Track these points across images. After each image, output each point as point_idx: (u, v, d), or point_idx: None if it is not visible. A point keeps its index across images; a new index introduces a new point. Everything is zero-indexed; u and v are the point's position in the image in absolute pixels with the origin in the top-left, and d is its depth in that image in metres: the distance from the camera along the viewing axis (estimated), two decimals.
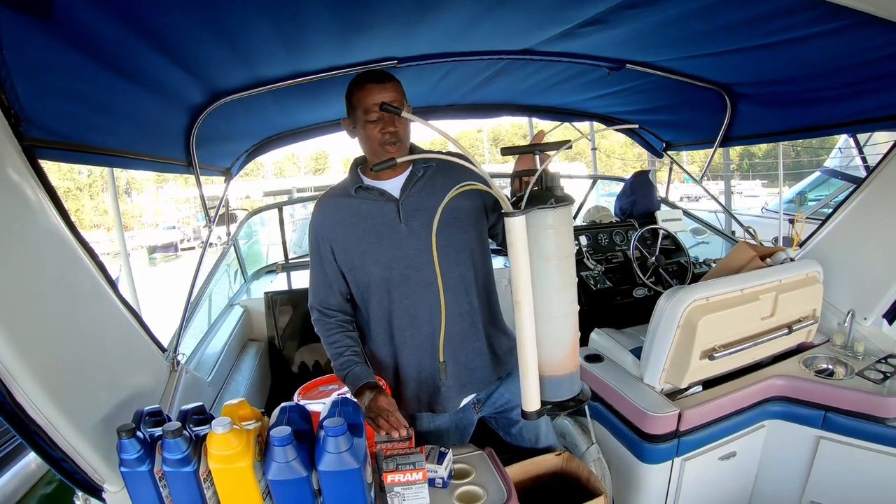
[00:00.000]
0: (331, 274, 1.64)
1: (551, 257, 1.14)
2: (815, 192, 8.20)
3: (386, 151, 1.52)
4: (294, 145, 3.95)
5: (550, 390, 1.22)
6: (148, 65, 1.36)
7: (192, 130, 1.94)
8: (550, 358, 1.20)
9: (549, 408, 1.22)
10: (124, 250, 7.70)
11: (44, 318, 1.08)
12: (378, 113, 1.49)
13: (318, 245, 1.64)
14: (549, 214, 1.12)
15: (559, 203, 1.12)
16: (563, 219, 1.14)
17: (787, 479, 1.97)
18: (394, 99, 1.50)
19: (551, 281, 1.15)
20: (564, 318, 1.19)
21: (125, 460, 1.09)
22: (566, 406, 1.23)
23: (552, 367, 1.20)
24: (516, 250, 1.09)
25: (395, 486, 1.21)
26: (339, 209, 1.61)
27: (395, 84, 1.53)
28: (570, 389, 1.24)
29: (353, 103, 1.53)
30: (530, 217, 1.10)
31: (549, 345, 1.18)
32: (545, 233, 1.12)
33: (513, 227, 1.08)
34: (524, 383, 1.18)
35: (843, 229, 2.22)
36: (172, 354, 1.69)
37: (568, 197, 1.15)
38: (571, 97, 2.89)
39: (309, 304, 1.71)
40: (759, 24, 1.56)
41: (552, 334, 1.18)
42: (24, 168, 1.08)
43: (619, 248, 3.37)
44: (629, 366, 2.02)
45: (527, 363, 1.16)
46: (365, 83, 1.51)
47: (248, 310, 3.15)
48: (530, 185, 1.13)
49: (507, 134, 53.13)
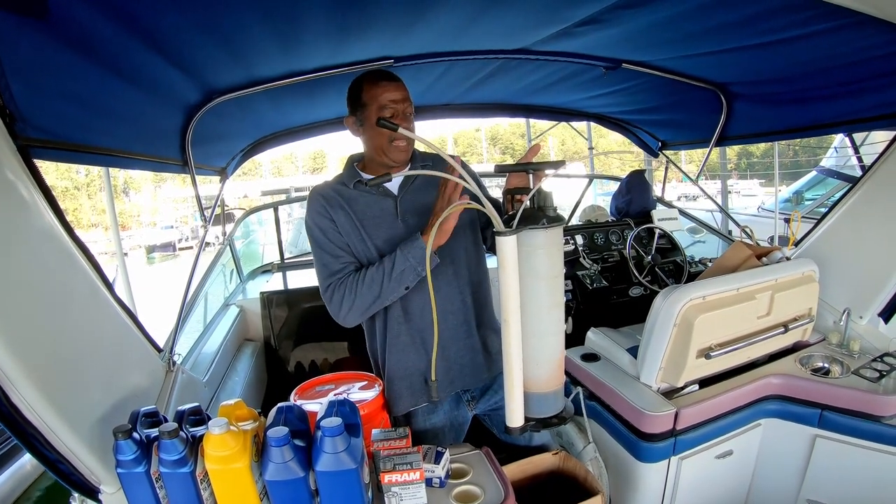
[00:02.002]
0: (339, 248, 1.58)
1: (541, 276, 1.15)
2: (812, 192, 8.22)
3: (399, 150, 1.55)
4: (291, 144, 3.95)
5: (535, 407, 1.24)
6: (143, 64, 1.35)
7: (188, 130, 1.93)
8: (536, 375, 1.21)
9: (532, 424, 1.24)
10: (119, 250, 7.67)
11: (39, 319, 1.07)
12: (392, 109, 1.52)
13: (324, 222, 1.59)
14: (540, 234, 1.13)
15: (551, 223, 1.13)
16: (554, 239, 1.16)
17: (784, 477, 1.98)
18: (405, 97, 1.55)
19: (541, 300, 1.16)
20: (552, 337, 1.21)
21: (121, 461, 1.09)
22: (549, 423, 1.25)
23: (538, 384, 1.22)
24: (507, 269, 1.10)
25: (392, 485, 1.21)
26: (337, 196, 1.61)
27: (403, 84, 1.56)
28: (554, 406, 1.26)
29: (365, 100, 1.54)
30: (522, 236, 1.11)
31: (535, 362, 1.20)
32: (536, 252, 1.14)
33: (503, 246, 1.09)
34: (508, 399, 1.20)
35: (838, 228, 2.22)
36: (168, 355, 1.69)
37: (560, 217, 1.16)
38: (567, 97, 2.89)
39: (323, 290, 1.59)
40: (754, 24, 1.56)
41: (539, 352, 1.20)
42: (18, 168, 1.08)
43: (615, 247, 3.37)
44: (626, 365, 2.02)
45: (512, 380, 1.17)
46: (379, 80, 1.54)
47: (243, 310, 3.15)
48: (523, 205, 1.14)
49: (506, 133, 53.23)
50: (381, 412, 1.60)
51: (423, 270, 1.46)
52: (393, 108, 1.52)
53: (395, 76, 1.56)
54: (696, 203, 13.63)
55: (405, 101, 1.55)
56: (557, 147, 45.25)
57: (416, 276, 1.49)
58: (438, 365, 1.60)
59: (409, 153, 1.62)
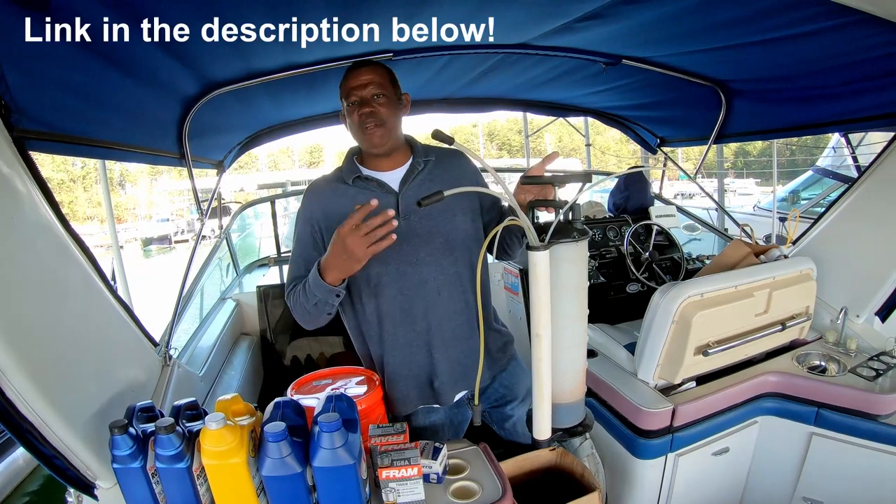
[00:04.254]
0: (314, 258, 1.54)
1: (569, 288, 1.15)
2: (808, 191, 8.25)
3: (367, 133, 1.52)
4: (288, 138, 3.94)
5: (559, 417, 1.24)
6: (141, 55, 1.34)
7: (185, 122, 1.92)
8: (562, 386, 1.22)
9: (559, 434, 1.25)
10: (115, 243, 7.66)
11: (34, 313, 1.07)
12: (356, 96, 1.50)
13: (308, 228, 1.60)
14: (571, 248, 1.13)
15: (581, 237, 1.13)
16: (582, 252, 1.15)
17: (780, 474, 1.99)
18: (370, 81, 1.50)
19: (567, 311, 1.16)
20: (577, 349, 1.21)
21: (117, 457, 1.08)
22: (575, 432, 1.27)
23: (563, 395, 1.23)
24: (539, 285, 1.09)
25: (390, 481, 1.21)
26: (335, 196, 1.59)
27: (373, 69, 1.53)
28: (577, 416, 1.27)
29: (341, 94, 1.56)
30: (552, 250, 1.10)
31: (562, 374, 1.20)
32: (565, 265, 1.13)
33: (537, 262, 1.08)
34: (537, 413, 1.20)
35: (836, 227, 2.22)
36: (164, 349, 1.68)
37: (586, 230, 1.16)
38: (567, 92, 2.88)
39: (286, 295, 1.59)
40: (755, 21, 1.55)
41: (566, 364, 1.20)
42: (14, 160, 1.07)
43: (612, 243, 3.36)
44: (623, 361, 2.02)
45: (542, 393, 1.17)
46: (348, 71, 1.55)
47: (240, 304, 3.13)
48: (556, 220, 1.13)
49: (503, 129, 53.17)
50: (378, 407, 1.59)
51: (335, 301, 1.45)
52: (356, 95, 1.50)
53: (367, 63, 1.54)
54: (692, 201, 13.65)
55: (370, 84, 1.50)
56: (555, 143, 45.24)
57: (333, 307, 1.48)
58: (444, 367, 1.60)
59: (386, 138, 1.54)
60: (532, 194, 1.38)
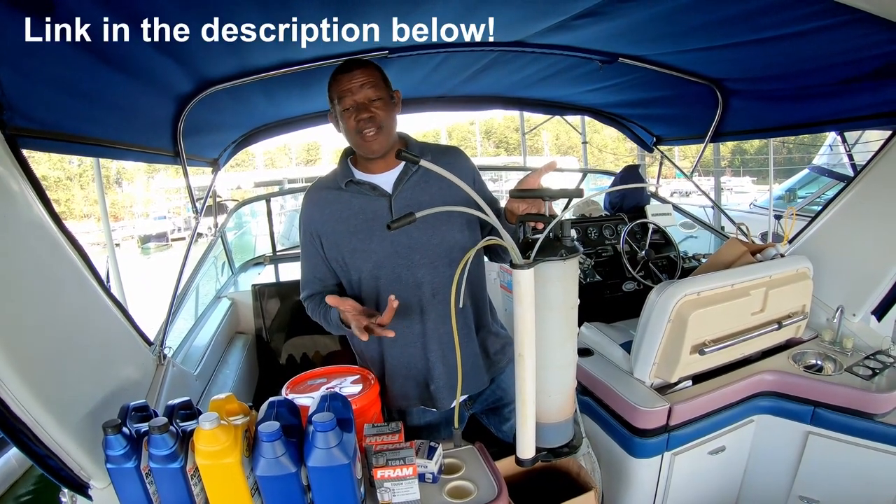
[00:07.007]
0: (320, 268, 1.63)
1: (556, 308, 1.12)
2: (804, 190, 8.27)
3: (367, 140, 1.49)
4: (284, 136, 3.93)
5: (545, 437, 1.22)
6: (136, 53, 1.33)
7: (180, 120, 1.91)
8: (548, 406, 1.20)
9: (543, 454, 1.23)
10: (110, 242, 7.63)
11: (26, 312, 1.06)
12: (351, 100, 1.46)
13: (308, 238, 1.62)
14: (559, 266, 1.10)
15: (569, 255, 1.10)
16: (571, 270, 1.12)
17: (776, 473, 1.99)
18: (364, 83, 1.46)
19: (554, 332, 1.14)
20: (565, 369, 1.19)
21: (111, 456, 1.07)
22: (560, 453, 1.24)
23: (549, 415, 1.21)
24: (523, 304, 1.06)
25: (385, 481, 1.20)
26: (329, 203, 1.58)
27: (366, 70, 1.48)
28: (564, 435, 1.25)
29: (331, 95, 1.51)
30: (538, 268, 1.08)
31: (546, 394, 1.18)
32: (553, 284, 1.11)
33: (520, 280, 1.05)
34: (520, 432, 1.18)
35: (833, 226, 2.22)
36: (159, 348, 1.67)
37: (576, 247, 1.12)
38: (563, 90, 2.88)
39: (301, 297, 1.69)
40: (752, 20, 1.55)
41: (551, 384, 1.18)
42: (6, 158, 1.06)
43: (608, 241, 3.37)
44: (619, 360, 2.02)
45: (525, 414, 1.15)
46: (337, 73, 1.50)
47: (235, 302, 3.13)
48: (542, 236, 1.09)
49: (500, 126, 53.13)
50: (373, 407, 1.58)
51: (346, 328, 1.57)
52: (351, 99, 1.46)
53: (358, 64, 1.49)
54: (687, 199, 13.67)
55: (365, 86, 1.46)
56: (552, 141, 45.24)
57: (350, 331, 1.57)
58: (440, 370, 1.59)
59: (384, 143, 1.52)
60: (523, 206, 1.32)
